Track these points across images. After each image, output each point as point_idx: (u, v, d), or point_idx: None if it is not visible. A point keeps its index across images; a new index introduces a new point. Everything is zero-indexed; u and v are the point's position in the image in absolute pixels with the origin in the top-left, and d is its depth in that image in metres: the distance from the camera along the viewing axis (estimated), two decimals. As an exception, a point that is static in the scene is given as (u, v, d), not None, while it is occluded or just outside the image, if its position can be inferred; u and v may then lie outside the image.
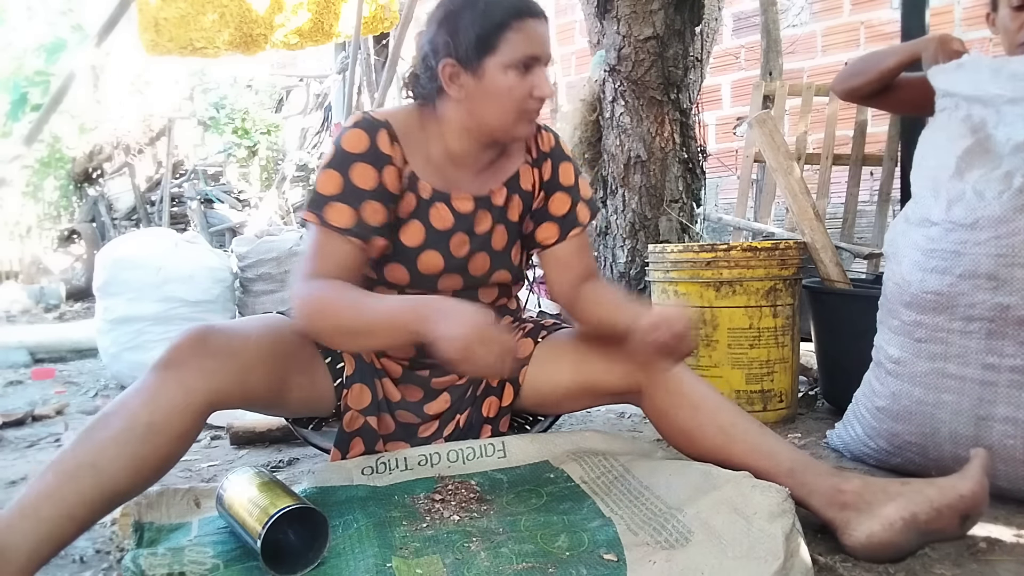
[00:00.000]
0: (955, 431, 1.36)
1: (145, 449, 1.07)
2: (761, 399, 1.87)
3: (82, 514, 1.03)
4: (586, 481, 1.29)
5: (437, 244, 1.41)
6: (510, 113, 1.36)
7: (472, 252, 1.44)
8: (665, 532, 1.06)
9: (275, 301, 3.67)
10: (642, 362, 1.32)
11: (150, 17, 3.78)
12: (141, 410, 1.09)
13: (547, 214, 1.51)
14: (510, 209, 1.48)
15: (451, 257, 1.42)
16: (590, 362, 1.39)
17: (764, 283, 1.86)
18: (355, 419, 1.39)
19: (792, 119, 3.67)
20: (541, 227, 1.52)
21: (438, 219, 1.41)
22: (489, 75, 1.34)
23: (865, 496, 1.14)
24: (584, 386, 1.40)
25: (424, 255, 1.41)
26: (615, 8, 2.43)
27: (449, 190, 1.42)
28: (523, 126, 1.38)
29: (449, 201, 1.42)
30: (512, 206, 1.49)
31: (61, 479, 1.03)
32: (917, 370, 1.41)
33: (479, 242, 1.45)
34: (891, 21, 4.44)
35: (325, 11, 4.07)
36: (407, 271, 1.41)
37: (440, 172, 1.43)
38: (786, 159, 2.16)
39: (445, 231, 1.41)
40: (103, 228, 7.02)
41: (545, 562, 1.01)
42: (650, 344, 1.24)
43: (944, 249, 1.37)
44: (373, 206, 1.33)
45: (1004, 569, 1.10)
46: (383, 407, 1.42)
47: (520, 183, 1.49)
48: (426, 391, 1.47)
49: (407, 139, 1.40)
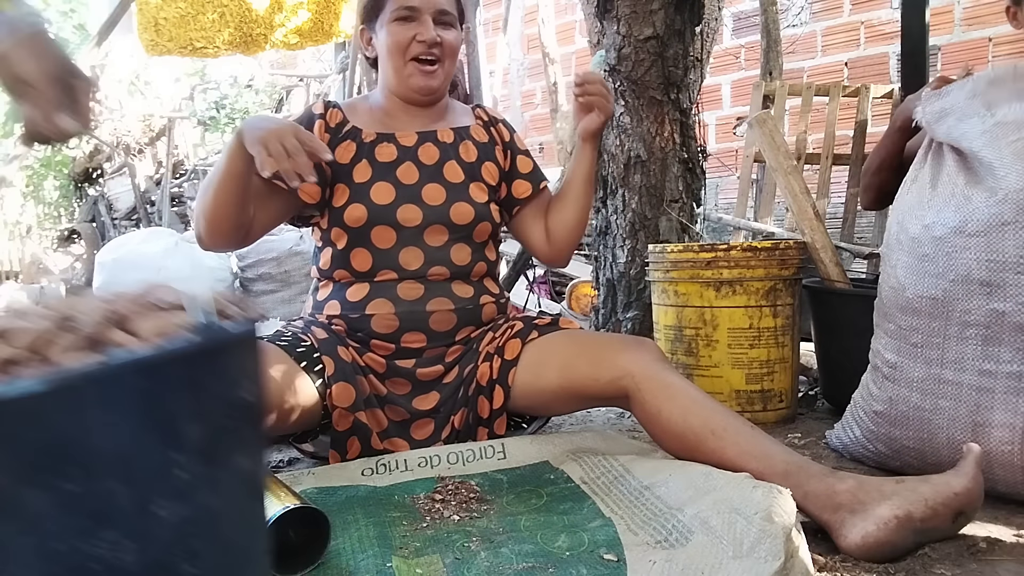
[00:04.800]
0: (952, 437, 1.36)
1: None
2: (761, 399, 1.87)
3: None
4: (586, 481, 1.29)
5: (385, 175, 1.52)
6: (400, 63, 1.53)
7: (423, 181, 1.53)
8: (665, 532, 1.06)
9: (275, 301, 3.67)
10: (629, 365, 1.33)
11: (150, 17, 3.78)
12: None
13: (517, 172, 1.67)
14: (463, 150, 1.60)
15: (401, 185, 1.52)
16: (576, 367, 1.38)
17: (764, 283, 1.86)
18: (344, 417, 1.39)
19: (792, 119, 3.67)
20: (515, 184, 1.67)
21: (383, 154, 1.54)
22: (382, 33, 1.55)
23: (859, 496, 1.13)
24: (571, 390, 1.40)
25: (375, 187, 1.51)
26: (615, 8, 2.43)
27: (393, 131, 1.58)
28: (417, 77, 1.54)
29: (394, 139, 1.57)
30: (464, 148, 1.60)
31: None
32: (913, 375, 1.41)
33: (429, 172, 1.55)
34: (891, 21, 4.45)
35: (325, 11, 4.07)
36: (364, 206, 1.49)
37: (383, 121, 1.60)
38: (786, 159, 2.16)
39: (391, 162, 1.54)
40: (103, 228, 7.02)
41: (545, 562, 1.01)
42: (579, 105, 1.57)
43: (936, 253, 1.36)
44: None
45: (1004, 569, 1.09)
46: (372, 402, 1.44)
47: (472, 135, 1.63)
48: (413, 383, 1.48)
49: (352, 108, 1.61)
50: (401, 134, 1.57)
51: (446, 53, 1.55)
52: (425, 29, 1.50)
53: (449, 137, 1.59)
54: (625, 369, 1.32)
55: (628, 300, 2.50)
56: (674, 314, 1.93)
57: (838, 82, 3.70)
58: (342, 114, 1.57)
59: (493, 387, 1.46)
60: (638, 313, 2.46)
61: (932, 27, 2.59)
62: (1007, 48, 4.16)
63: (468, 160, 1.59)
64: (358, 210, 1.49)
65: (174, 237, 2.93)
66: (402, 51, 1.52)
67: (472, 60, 4.38)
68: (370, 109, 1.62)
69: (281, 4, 3.97)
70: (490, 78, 5.63)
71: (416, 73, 1.53)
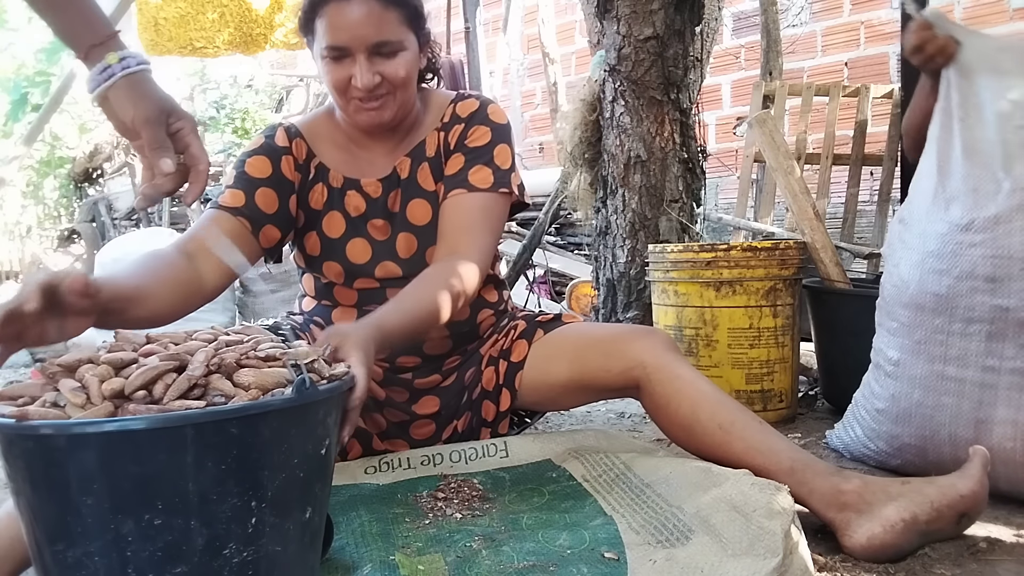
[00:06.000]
0: (954, 434, 1.36)
1: None
2: (761, 399, 1.87)
3: None
4: (588, 479, 1.29)
5: (358, 229, 1.42)
6: (343, 102, 1.34)
7: (395, 231, 1.42)
8: (666, 531, 1.06)
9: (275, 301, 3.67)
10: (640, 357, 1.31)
11: (150, 17, 3.78)
12: None
13: (444, 175, 1.42)
14: (421, 179, 1.42)
15: (375, 242, 1.42)
16: (588, 358, 1.36)
17: (764, 283, 1.86)
18: None
19: (792, 119, 3.67)
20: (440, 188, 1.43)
21: (352, 205, 1.42)
22: (319, 63, 1.34)
23: (865, 496, 1.13)
24: (581, 383, 1.38)
25: (350, 244, 1.41)
26: (615, 8, 2.43)
27: (359, 176, 1.43)
28: (363, 115, 1.34)
29: (360, 187, 1.42)
30: (422, 175, 1.42)
31: None
32: (916, 372, 1.41)
33: (399, 221, 1.42)
34: (891, 21, 4.45)
35: (325, 11, 4.07)
36: (340, 265, 1.42)
37: (351, 157, 1.44)
38: (786, 159, 2.16)
39: (360, 216, 1.42)
40: (103, 228, 7.02)
41: (547, 561, 1.01)
42: None
43: (941, 250, 1.36)
44: (266, 192, 1.36)
45: (1004, 569, 1.10)
46: (370, 406, 1.42)
47: (425, 150, 1.44)
48: (411, 391, 1.47)
49: (314, 133, 1.43)
50: (366, 182, 1.42)
51: (395, 85, 1.31)
52: (359, 71, 1.28)
53: (406, 169, 1.42)
54: (637, 359, 1.30)
55: (628, 300, 2.51)
56: (674, 314, 1.94)
57: (838, 82, 3.70)
58: (305, 145, 1.42)
59: (500, 391, 1.44)
60: (638, 313, 2.47)
61: (932, 27, 2.58)
62: (1007, 48, 4.16)
63: (429, 189, 1.43)
64: (335, 268, 1.42)
65: (174, 237, 2.93)
66: (341, 92, 1.31)
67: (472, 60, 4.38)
68: (332, 133, 1.44)
69: (281, 4, 3.97)
70: (490, 78, 5.63)
71: (361, 111, 1.33)
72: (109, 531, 0.71)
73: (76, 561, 0.73)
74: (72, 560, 0.73)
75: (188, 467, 0.72)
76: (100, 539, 0.72)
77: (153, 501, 0.71)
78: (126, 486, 0.71)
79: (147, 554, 0.72)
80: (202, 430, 0.72)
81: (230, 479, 0.74)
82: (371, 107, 1.32)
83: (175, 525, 0.72)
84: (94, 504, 0.71)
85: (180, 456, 0.71)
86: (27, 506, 0.75)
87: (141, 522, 0.71)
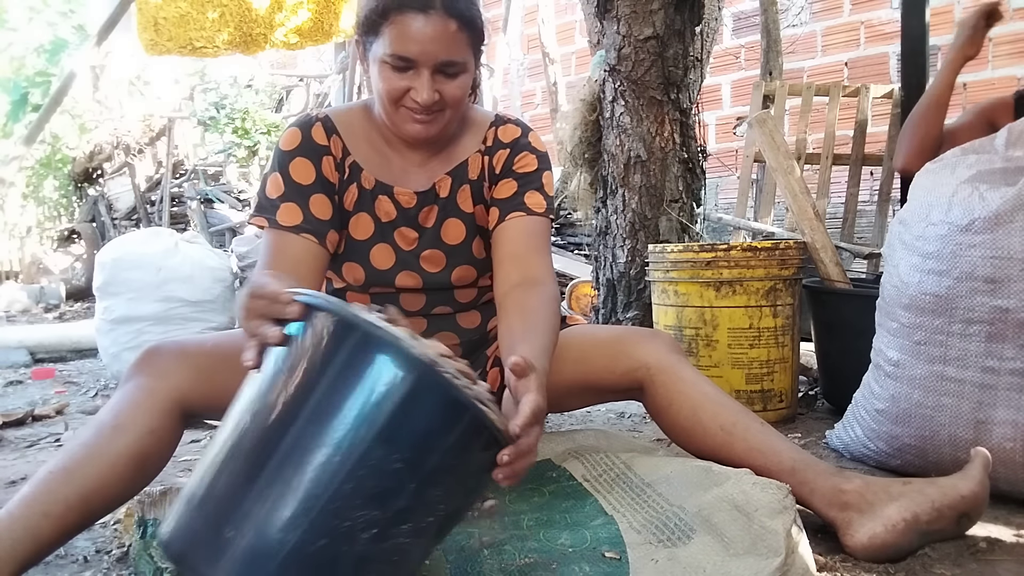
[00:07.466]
0: (954, 434, 1.36)
1: (113, 447, 1.08)
2: (761, 399, 1.87)
3: (58, 511, 1.03)
4: (588, 479, 1.29)
5: (384, 235, 1.40)
6: (392, 109, 1.30)
7: (422, 246, 1.41)
8: (667, 530, 1.06)
9: (275, 301, 3.66)
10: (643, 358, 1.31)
11: (150, 17, 3.78)
12: (106, 415, 1.11)
13: (493, 199, 1.41)
14: (460, 200, 1.41)
15: (400, 250, 1.40)
16: (592, 359, 1.37)
17: (764, 283, 1.86)
18: None
19: (792, 119, 3.67)
20: (489, 212, 1.42)
21: (382, 211, 1.40)
22: (374, 67, 1.29)
23: (867, 496, 1.13)
24: (585, 384, 1.39)
25: (375, 249, 1.40)
26: (615, 8, 2.43)
27: (392, 182, 1.39)
28: (411, 125, 1.30)
29: (392, 194, 1.39)
30: (462, 196, 1.41)
31: (34, 483, 1.04)
32: (916, 373, 1.41)
33: (429, 237, 1.40)
34: (891, 21, 4.45)
35: (325, 10, 4.07)
36: (362, 268, 1.40)
37: (384, 160, 1.40)
38: (786, 159, 2.16)
39: (390, 222, 1.40)
40: (103, 228, 7.03)
41: (548, 559, 1.02)
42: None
43: (941, 251, 1.36)
44: (319, 199, 1.33)
45: (1004, 569, 1.10)
46: None
47: (468, 172, 1.42)
48: None
49: (349, 130, 1.39)
50: (399, 191, 1.39)
51: (450, 105, 1.29)
52: (421, 86, 1.25)
53: (446, 189, 1.40)
54: (641, 361, 1.31)
55: (628, 300, 2.51)
56: (674, 314, 1.94)
57: (838, 82, 3.70)
58: (341, 141, 1.38)
59: (503, 392, 1.44)
60: (638, 313, 2.47)
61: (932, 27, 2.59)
62: (1007, 48, 4.17)
63: (467, 211, 1.41)
64: (356, 270, 1.40)
65: (174, 237, 2.92)
66: (394, 100, 1.28)
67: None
68: (368, 131, 1.40)
69: (281, 4, 3.97)
70: (490, 78, 5.63)
71: (410, 121, 1.29)
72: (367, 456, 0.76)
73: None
74: None
75: (443, 440, 0.78)
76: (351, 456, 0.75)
77: (414, 451, 0.77)
78: (414, 438, 0.77)
79: (369, 483, 0.76)
80: (476, 419, 0.79)
81: (448, 474, 0.80)
82: (422, 120, 1.29)
83: (392, 476, 0.76)
84: None
85: (451, 429, 0.78)
86: None
87: (385, 465, 0.76)
